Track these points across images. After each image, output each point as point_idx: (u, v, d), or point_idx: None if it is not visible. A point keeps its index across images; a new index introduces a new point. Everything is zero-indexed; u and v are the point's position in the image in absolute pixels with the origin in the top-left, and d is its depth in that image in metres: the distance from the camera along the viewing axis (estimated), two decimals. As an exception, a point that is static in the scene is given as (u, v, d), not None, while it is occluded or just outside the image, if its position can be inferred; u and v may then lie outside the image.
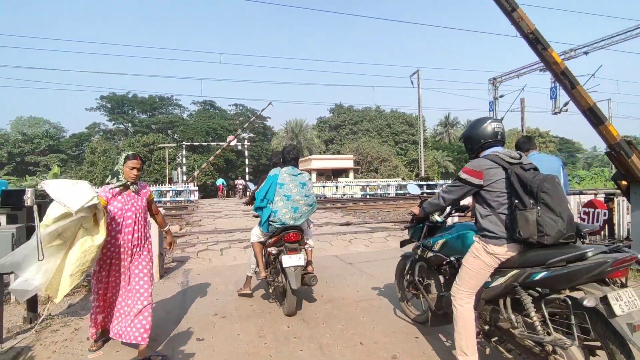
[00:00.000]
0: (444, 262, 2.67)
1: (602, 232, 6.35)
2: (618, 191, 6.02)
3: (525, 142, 4.12)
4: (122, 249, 2.87)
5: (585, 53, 21.88)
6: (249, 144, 36.88)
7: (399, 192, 26.53)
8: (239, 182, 28.00)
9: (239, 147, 37.25)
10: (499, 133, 2.34)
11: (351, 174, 35.30)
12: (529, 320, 2.03)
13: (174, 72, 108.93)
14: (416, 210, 2.86)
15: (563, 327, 1.94)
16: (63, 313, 3.97)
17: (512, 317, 2.13)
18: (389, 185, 27.35)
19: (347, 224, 10.55)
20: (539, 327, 1.97)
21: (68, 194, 2.36)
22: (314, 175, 33.22)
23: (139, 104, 54.97)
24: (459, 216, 3.36)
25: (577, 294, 1.90)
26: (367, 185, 27.05)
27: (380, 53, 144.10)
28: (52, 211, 2.37)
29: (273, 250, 3.78)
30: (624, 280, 2.54)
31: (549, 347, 1.94)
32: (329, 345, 2.98)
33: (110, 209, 2.81)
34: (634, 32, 19.40)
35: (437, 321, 2.84)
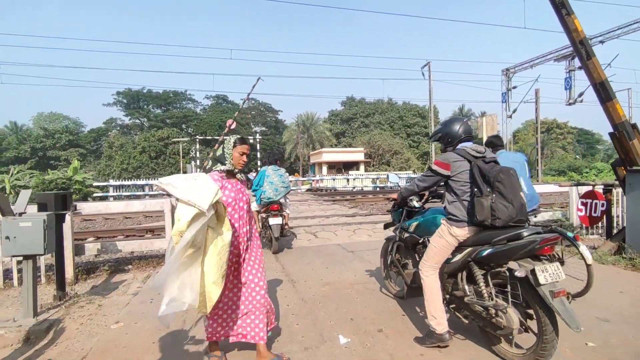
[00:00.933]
0: (419, 242, 3.05)
1: (600, 222, 6.50)
2: (617, 182, 6.11)
3: (498, 139, 4.67)
4: (238, 243, 2.53)
5: (602, 42, 21.40)
6: (260, 137, 37.30)
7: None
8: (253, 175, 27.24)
9: (251, 140, 37.75)
10: (470, 131, 2.70)
11: (362, 167, 35.40)
12: (479, 289, 2.40)
13: (186, 68, 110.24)
14: (395, 195, 3.27)
15: (505, 294, 2.31)
16: (87, 293, 4.40)
17: (466, 287, 2.53)
18: (399, 178, 27.41)
19: (353, 216, 10.84)
20: (485, 295, 2.37)
21: (194, 191, 2.05)
22: (324, 168, 33.49)
23: (154, 99, 56.12)
24: (434, 202, 3.68)
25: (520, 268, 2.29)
26: (377, 178, 27.19)
27: (391, 46, 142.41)
28: (183, 215, 2.01)
29: (264, 215, 6.15)
30: (560, 255, 2.83)
31: (492, 311, 2.32)
32: (322, 320, 3.30)
33: (224, 200, 2.42)
34: (651, 19, 18.87)
35: (411, 294, 3.29)
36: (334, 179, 26.27)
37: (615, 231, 6.02)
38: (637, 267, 4.79)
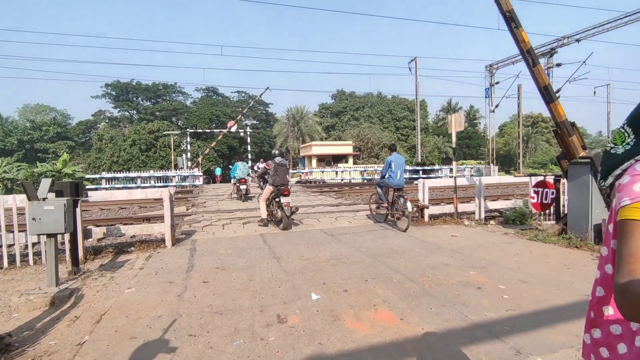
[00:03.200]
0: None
1: (551, 208, 7.34)
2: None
3: (393, 146, 7.77)
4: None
5: (577, 40, 22.33)
6: (250, 130, 37.70)
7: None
8: (261, 166, 17.76)
9: (242, 134, 38.15)
10: (282, 154, 4.68)
11: (350, 160, 36.14)
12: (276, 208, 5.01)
13: (177, 62, 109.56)
14: None
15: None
16: (98, 269, 5.05)
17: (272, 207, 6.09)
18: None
19: (337, 205, 11.58)
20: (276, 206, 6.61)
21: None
22: (314, 161, 34.13)
23: (144, 91, 55.79)
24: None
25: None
26: (365, 171, 27.98)
27: (379, 42, 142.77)
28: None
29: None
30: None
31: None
32: (300, 285, 4.03)
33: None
34: (622, 20, 19.83)
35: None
36: (322, 172, 26.97)
37: (562, 216, 6.87)
38: (572, 244, 5.64)
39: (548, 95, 6.26)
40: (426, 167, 29.98)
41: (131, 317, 3.29)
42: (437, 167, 31.82)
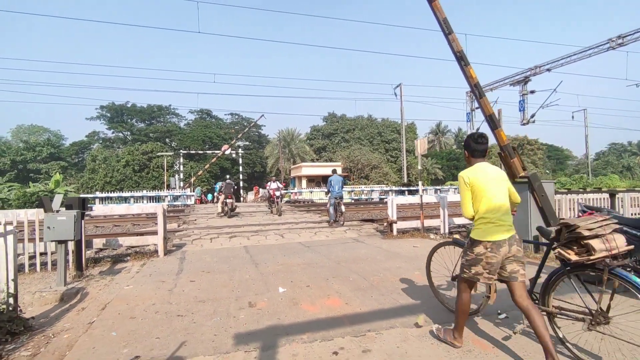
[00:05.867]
0: None
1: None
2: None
3: (334, 170, 9.47)
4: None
5: (548, 70, 24.08)
6: (242, 152, 38.68)
7: (382, 197, 28.41)
8: (273, 185, 15.78)
9: (234, 155, 39.10)
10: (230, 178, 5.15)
11: (340, 181, 37.06)
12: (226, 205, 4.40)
13: (170, 87, 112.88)
14: None
15: None
16: (98, 274, 5.78)
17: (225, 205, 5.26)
18: (372, 191, 29.28)
19: (320, 222, 12.41)
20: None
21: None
22: (304, 182, 35.04)
23: (138, 113, 56.86)
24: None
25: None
26: (352, 191, 28.94)
27: (366, 69, 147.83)
28: None
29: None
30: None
31: None
32: (272, 283, 4.83)
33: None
34: (588, 52, 21.62)
35: None
36: (311, 192, 27.85)
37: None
38: (512, 253, 6.52)
39: (492, 122, 7.31)
40: (412, 188, 31.03)
41: (130, 304, 4.07)
42: (422, 187, 32.87)
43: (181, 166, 36.23)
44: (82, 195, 25.34)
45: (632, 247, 2.65)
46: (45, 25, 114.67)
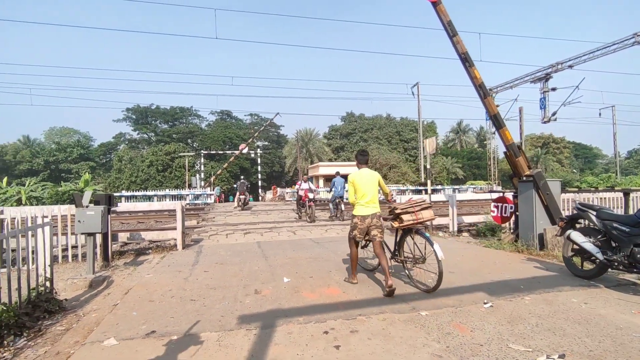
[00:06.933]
0: None
1: (510, 221, 8.33)
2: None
3: (337, 173, 9.78)
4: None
5: (570, 67, 23.47)
6: (261, 152, 39.44)
7: (398, 196, 28.42)
8: (304, 186, 13.76)
9: (252, 155, 39.91)
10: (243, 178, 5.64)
11: (357, 180, 37.25)
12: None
13: (191, 89, 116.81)
14: None
15: None
16: (122, 265, 6.32)
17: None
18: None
19: (332, 219, 12.73)
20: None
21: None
22: (321, 181, 35.42)
23: (162, 115, 58.77)
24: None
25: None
26: (369, 190, 29.07)
27: (385, 69, 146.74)
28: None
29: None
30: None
31: None
32: (279, 274, 5.19)
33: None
34: (612, 47, 20.96)
35: None
36: (328, 191, 28.17)
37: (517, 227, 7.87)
38: (516, 250, 6.65)
39: (497, 122, 7.42)
40: (428, 187, 30.83)
41: (150, 290, 4.52)
42: (439, 187, 32.66)
43: (202, 166, 37.33)
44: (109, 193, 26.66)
45: (434, 217, 4.63)
46: (77, 35, 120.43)
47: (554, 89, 25.11)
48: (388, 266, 4.16)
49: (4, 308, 3.34)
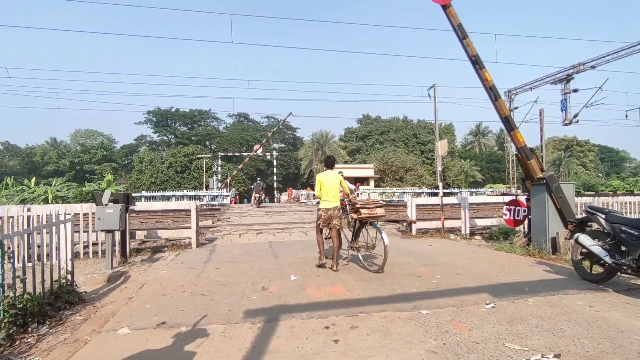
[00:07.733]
0: None
1: (523, 224, 8.21)
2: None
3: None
4: None
5: (592, 67, 22.80)
6: (277, 154, 39.85)
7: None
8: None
9: (268, 157, 40.38)
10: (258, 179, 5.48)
11: (372, 182, 37.20)
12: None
13: (209, 93, 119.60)
14: None
15: None
16: (139, 262, 6.59)
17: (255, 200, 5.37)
18: (404, 193, 29.13)
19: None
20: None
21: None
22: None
23: (181, 118, 60.15)
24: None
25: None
26: (383, 192, 28.98)
27: (402, 71, 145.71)
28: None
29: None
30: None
31: None
32: (287, 272, 5.32)
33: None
34: (637, 47, 20.27)
35: None
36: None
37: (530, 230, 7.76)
38: (527, 253, 6.59)
39: (508, 124, 7.36)
40: (444, 190, 30.50)
41: (163, 285, 4.74)
42: (456, 190, 32.21)
43: (219, 168, 38.02)
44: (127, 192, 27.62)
45: (385, 214, 5.75)
46: (102, 42, 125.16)
47: (575, 91, 24.44)
48: (338, 252, 5.48)
49: (29, 298, 3.59)
